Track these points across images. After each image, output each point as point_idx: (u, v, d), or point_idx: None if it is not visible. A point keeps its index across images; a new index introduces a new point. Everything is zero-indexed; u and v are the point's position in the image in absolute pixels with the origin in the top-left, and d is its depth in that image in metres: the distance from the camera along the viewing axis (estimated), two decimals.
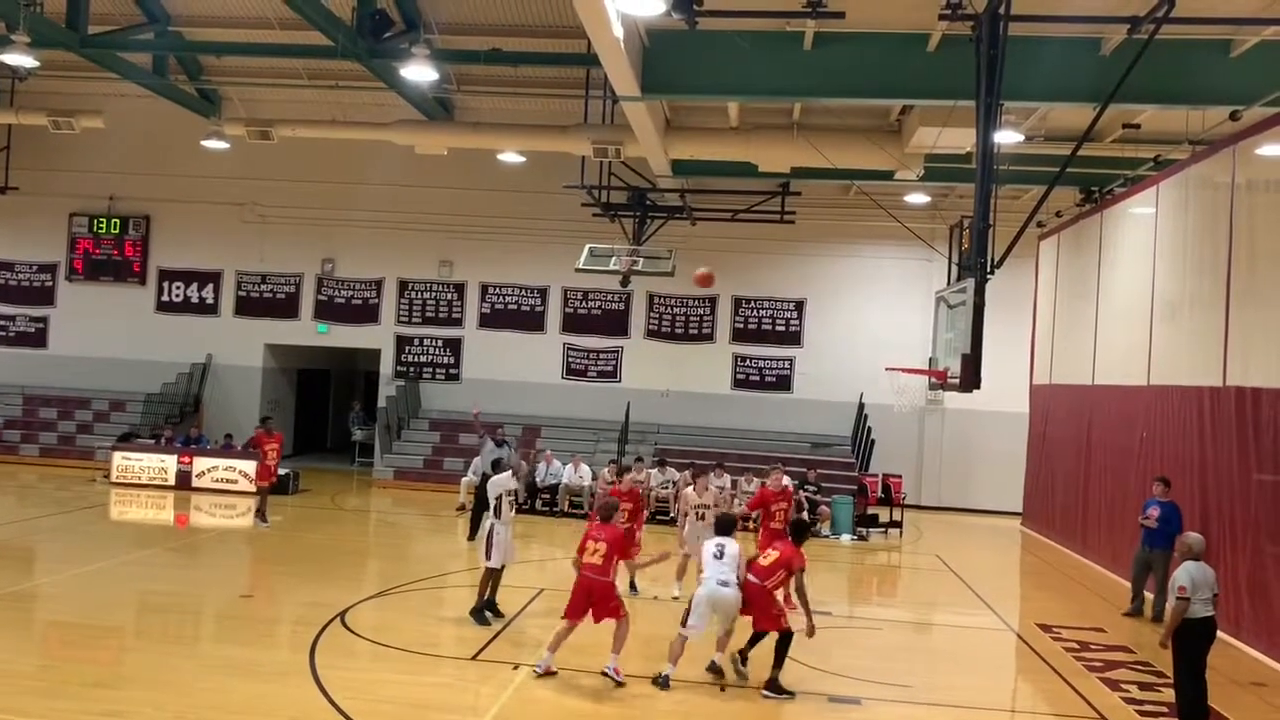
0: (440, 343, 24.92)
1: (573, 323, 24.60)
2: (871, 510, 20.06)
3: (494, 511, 11.10)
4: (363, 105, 21.80)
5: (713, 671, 9.58)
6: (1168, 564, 12.56)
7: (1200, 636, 8.41)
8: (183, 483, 20.33)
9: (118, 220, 25.39)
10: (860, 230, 23.23)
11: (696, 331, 24.35)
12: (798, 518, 11.28)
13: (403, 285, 24.99)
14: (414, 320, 24.96)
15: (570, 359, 24.56)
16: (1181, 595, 8.28)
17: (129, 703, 8.08)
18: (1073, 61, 13.27)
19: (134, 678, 8.85)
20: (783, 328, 24.18)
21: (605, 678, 9.17)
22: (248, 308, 25.27)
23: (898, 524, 19.87)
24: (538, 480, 19.90)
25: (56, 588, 12.16)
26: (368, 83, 19.59)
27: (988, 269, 11.23)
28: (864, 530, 19.43)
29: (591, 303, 24.50)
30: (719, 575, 9.49)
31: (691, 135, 18.37)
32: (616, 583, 9.56)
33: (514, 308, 24.75)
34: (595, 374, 24.48)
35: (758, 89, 14.79)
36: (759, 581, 9.54)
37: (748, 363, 24.22)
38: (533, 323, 24.65)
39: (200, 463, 20.53)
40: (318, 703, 8.29)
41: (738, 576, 9.53)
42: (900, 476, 21.59)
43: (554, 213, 23.03)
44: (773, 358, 24.14)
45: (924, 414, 23.23)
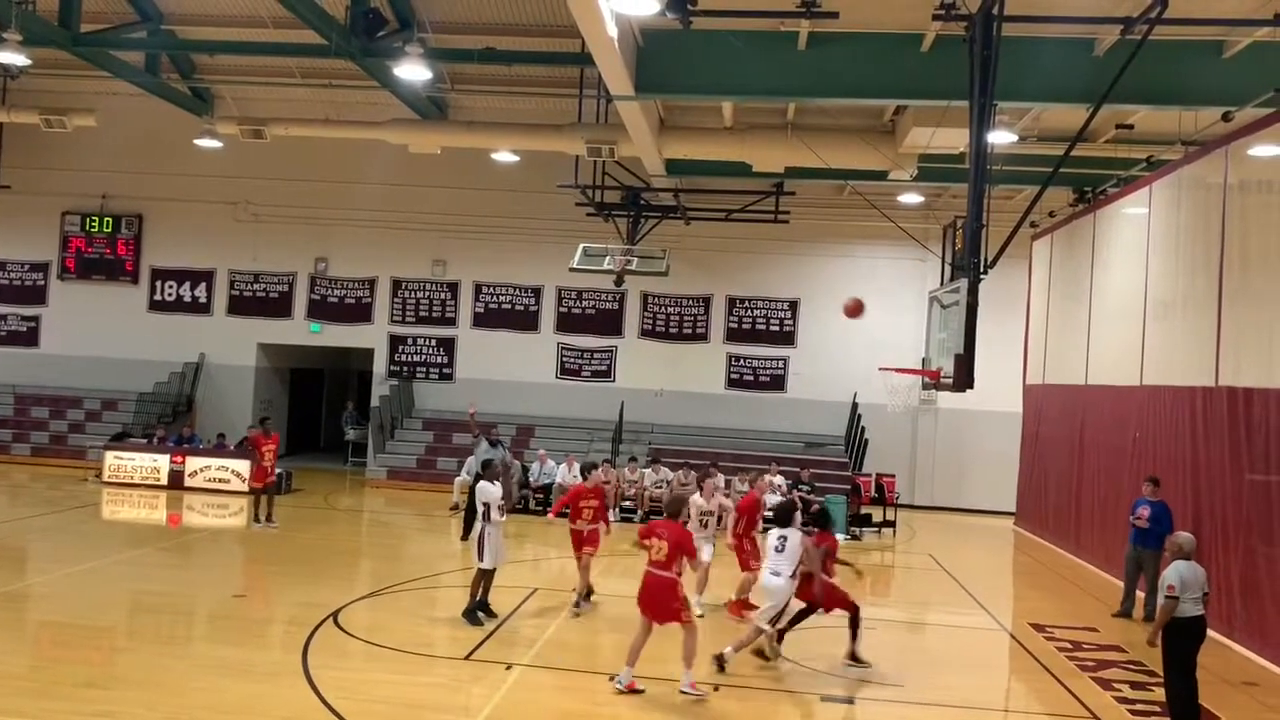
0: (434, 342, 24.89)
1: (567, 322, 24.59)
2: (865, 510, 20.08)
3: (483, 516, 11.09)
4: (356, 104, 21.75)
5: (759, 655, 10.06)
6: (1158, 563, 12.57)
7: (1190, 636, 8.42)
8: (175, 482, 20.28)
9: (110, 219, 25.32)
10: (854, 230, 23.26)
11: (691, 331, 24.35)
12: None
13: (396, 284, 24.95)
14: (407, 320, 24.93)
15: (564, 358, 24.55)
16: (1170, 594, 8.29)
17: (121, 703, 8.06)
18: (1066, 62, 13.30)
19: (126, 678, 8.82)
20: (777, 327, 24.20)
21: (684, 695, 8.88)
22: (240, 307, 25.22)
23: (891, 524, 19.90)
24: (531, 480, 19.88)
25: (48, 588, 12.12)
26: (361, 81, 19.56)
27: (981, 269, 11.24)
28: (857, 530, 19.45)
29: (585, 302, 24.49)
30: (773, 566, 9.91)
31: (685, 135, 18.36)
32: (682, 583, 9.21)
33: (508, 307, 24.73)
34: (589, 374, 24.47)
35: (752, 89, 14.78)
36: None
37: (742, 362, 24.23)
38: (527, 322, 24.64)
39: (193, 462, 20.48)
40: (310, 703, 8.27)
41: (795, 569, 9.87)
42: (894, 476, 21.62)
43: (548, 212, 23.02)
44: (767, 357, 24.16)
45: (917, 414, 23.26)
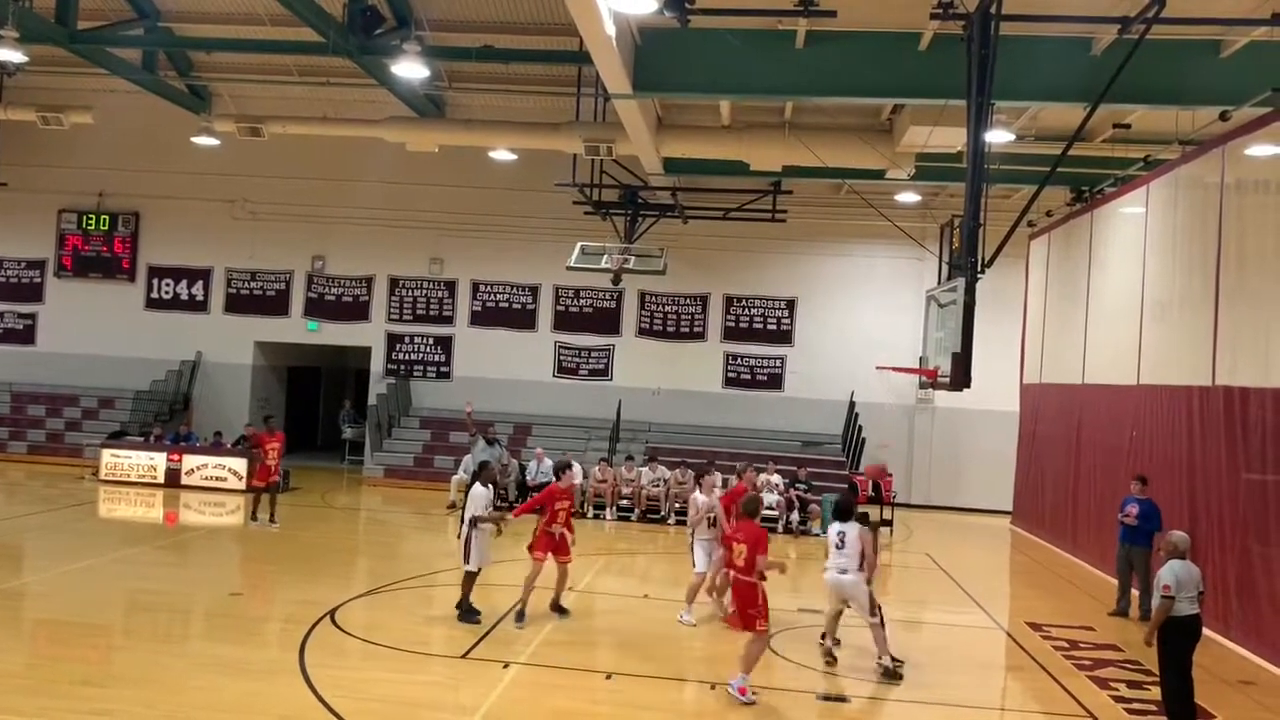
0: (431, 340, 24.88)
1: (564, 321, 24.59)
2: (862, 509, 20.01)
3: (470, 520, 11.06)
4: (354, 102, 21.73)
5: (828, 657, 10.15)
6: (1147, 560, 12.65)
7: (1186, 635, 8.44)
8: (172, 480, 20.27)
9: (107, 216, 25.29)
10: (851, 229, 23.26)
11: (688, 330, 24.35)
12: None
13: (393, 283, 24.94)
14: (405, 318, 24.92)
15: (562, 357, 24.54)
16: (1166, 594, 8.31)
17: (118, 701, 8.06)
18: (1064, 61, 13.30)
19: (123, 676, 8.82)
20: (774, 326, 24.20)
21: (730, 696, 8.85)
22: (238, 305, 25.20)
23: (888, 522, 19.88)
24: (528, 479, 19.88)
25: (45, 585, 12.10)
26: (359, 79, 19.54)
27: (978, 268, 11.25)
28: None
29: (583, 301, 24.48)
30: (838, 564, 9.93)
31: (683, 133, 18.36)
32: (762, 587, 8.99)
33: (505, 305, 24.72)
34: (587, 372, 24.47)
35: (749, 87, 14.78)
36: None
37: (739, 361, 24.23)
38: (524, 321, 24.63)
39: (189, 460, 20.47)
40: (307, 701, 8.27)
41: (860, 562, 9.94)
42: (890, 475, 21.61)
43: (545, 210, 23.01)
44: (764, 356, 24.16)
45: (914, 412, 23.30)
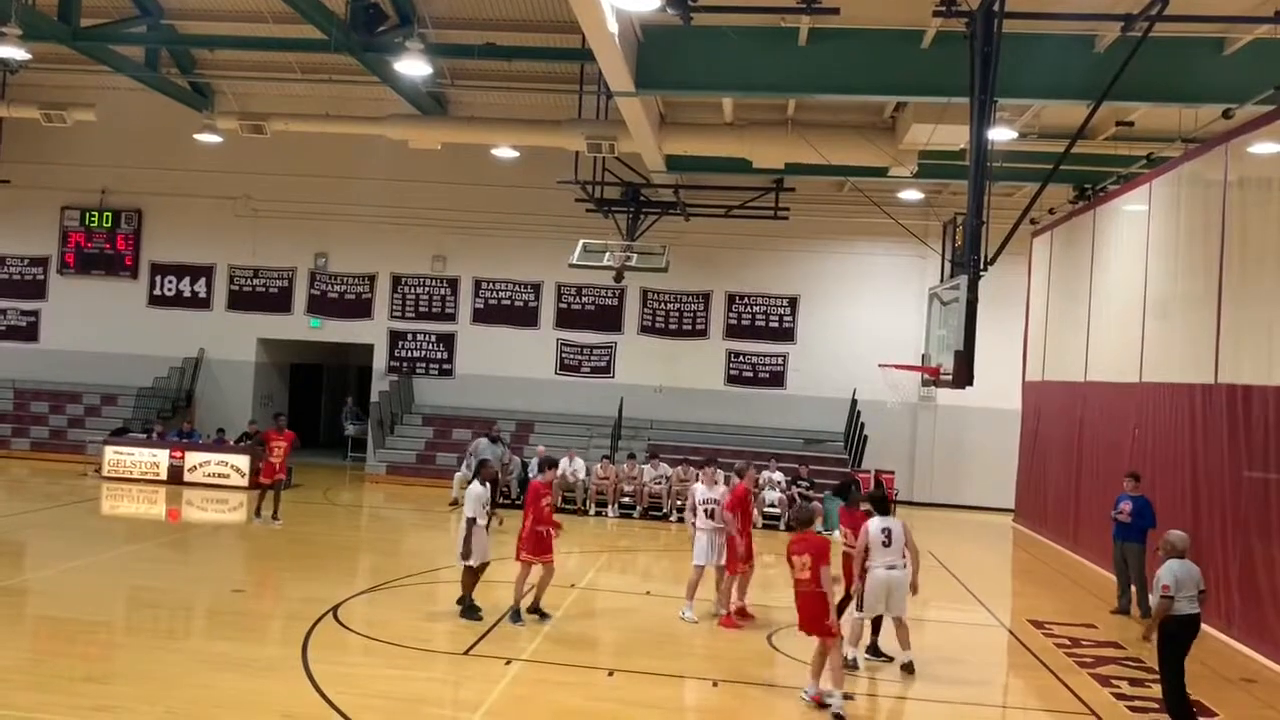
0: (433, 338, 24.89)
1: (566, 318, 24.58)
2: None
3: (467, 519, 11.06)
4: (356, 100, 21.73)
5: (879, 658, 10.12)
6: (1141, 557, 12.67)
7: (1186, 633, 8.47)
8: (175, 477, 20.30)
9: (110, 214, 25.32)
10: (854, 227, 23.25)
11: (690, 327, 24.35)
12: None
13: (396, 280, 24.94)
14: (407, 315, 24.93)
15: (564, 354, 24.55)
16: (1166, 594, 8.33)
17: (119, 698, 8.06)
18: (1066, 59, 13.27)
19: (124, 672, 8.82)
20: (776, 324, 24.19)
21: (802, 701, 8.76)
22: (240, 302, 25.22)
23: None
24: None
25: (47, 582, 12.11)
26: (361, 77, 19.54)
27: (981, 266, 11.24)
28: None
29: (585, 298, 24.48)
30: (887, 560, 9.78)
31: (685, 131, 18.35)
32: (831, 597, 8.77)
33: (507, 303, 24.73)
34: (589, 369, 24.47)
35: (752, 85, 14.77)
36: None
37: (741, 359, 24.22)
38: (526, 318, 24.63)
39: (192, 457, 20.49)
40: (310, 697, 8.27)
41: (904, 560, 9.83)
42: (893, 472, 21.64)
43: (547, 208, 23.01)
44: (766, 354, 24.15)
45: (917, 410, 23.29)
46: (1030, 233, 20.85)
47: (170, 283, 25.34)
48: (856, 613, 9.93)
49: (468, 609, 11.00)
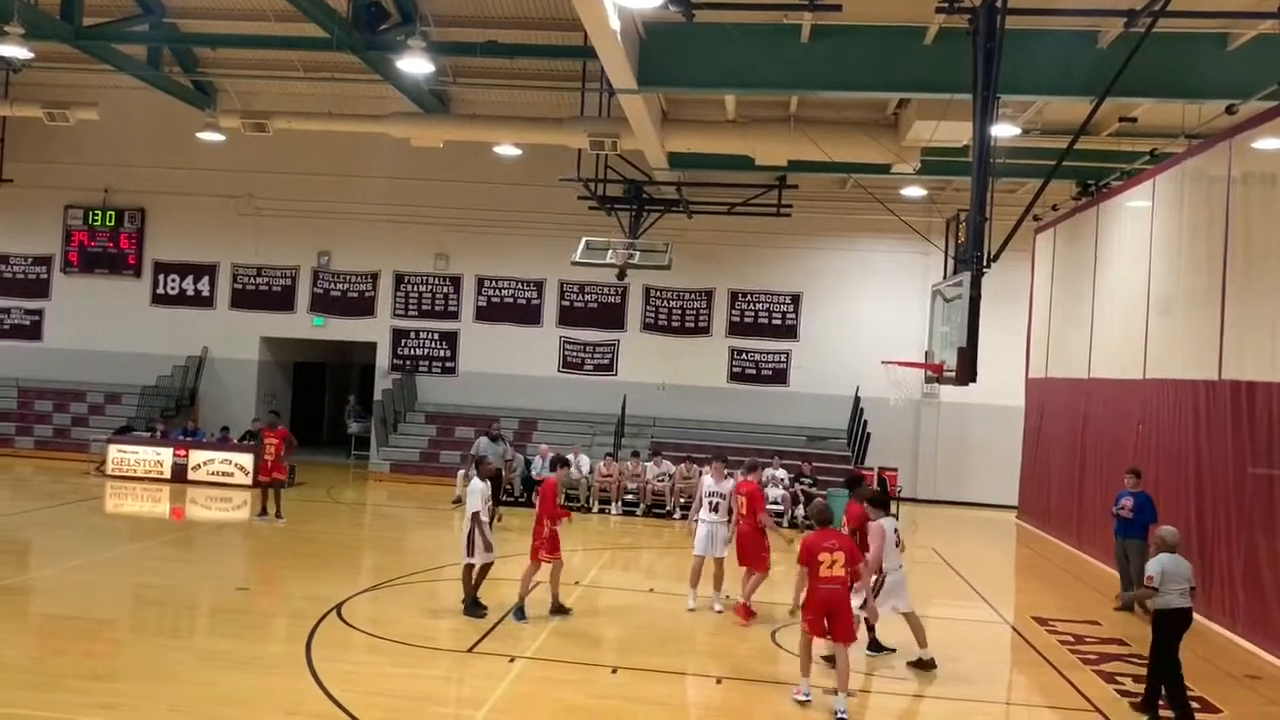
0: (436, 336, 24.90)
1: (569, 316, 24.59)
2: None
3: (471, 515, 11.06)
4: (358, 98, 21.70)
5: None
6: (1142, 553, 12.64)
7: (1177, 626, 8.70)
8: (178, 476, 20.32)
9: (113, 212, 25.34)
10: (857, 224, 23.23)
11: (693, 325, 24.34)
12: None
13: (399, 278, 24.96)
14: (410, 313, 24.95)
15: (566, 352, 24.55)
16: (1149, 584, 8.62)
17: (124, 695, 8.08)
18: (1069, 55, 13.25)
19: (129, 671, 8.85)
20: (779, 321, 24.18)
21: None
22: (243, 300, 25.24)
23: (893, 517, 19.86)
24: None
25: (51, 581, 12.14)
26: (363, 75, 19.54)
27: (984, 262, 11.24)
28: None
29: (588, 296, 24.48)
30: (897, 561, 10.02)
31: (688, 128, 18.34)
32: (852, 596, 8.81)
33: (510, 301, 24.73)
34: (591, 367, 24.47)
35: (754, 82, 14.76)
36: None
37: (744, 356, 24.22)
38: (529, 316, 24.64)
39: (196, 455, 20.52)
40: (314, 695, 8.29)
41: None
42: (896, 469, 21.61)
43: (550, 206, 23.01)
44: (769, 351, 24.14)
45: (920, 407, 23.28)
46: (1033, 229, 20.82)
47: (173, 281, 25.36)
48: (858, 611, 9.96)
49: (471, 606, 11.01)
